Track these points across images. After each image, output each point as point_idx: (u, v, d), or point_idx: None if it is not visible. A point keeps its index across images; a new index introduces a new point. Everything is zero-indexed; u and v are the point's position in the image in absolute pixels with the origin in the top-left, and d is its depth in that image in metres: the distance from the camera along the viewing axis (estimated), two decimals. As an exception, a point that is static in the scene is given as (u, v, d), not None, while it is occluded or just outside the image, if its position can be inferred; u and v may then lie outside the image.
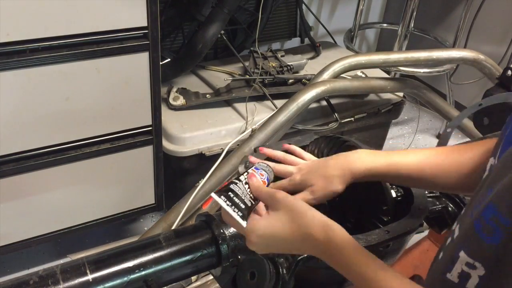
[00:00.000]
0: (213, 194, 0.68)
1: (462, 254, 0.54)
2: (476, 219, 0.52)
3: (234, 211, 0.66)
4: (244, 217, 0.67)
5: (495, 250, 0.49)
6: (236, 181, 0.71)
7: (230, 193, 0.68)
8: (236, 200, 0.67)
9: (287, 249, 0.68)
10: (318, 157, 0.92)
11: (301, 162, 0.85)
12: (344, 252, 0.62)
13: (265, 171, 0.75)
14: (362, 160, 0.77)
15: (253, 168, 0.75)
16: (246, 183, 0.71)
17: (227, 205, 0.66)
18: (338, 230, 0.64)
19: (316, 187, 0.77)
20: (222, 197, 0.67)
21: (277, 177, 0.83)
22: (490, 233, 0.50)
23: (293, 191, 0.78)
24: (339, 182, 0.77)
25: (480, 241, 0.51)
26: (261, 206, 0.70)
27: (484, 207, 0.51)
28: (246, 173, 0.73)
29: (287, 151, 0.89)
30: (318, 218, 0.65)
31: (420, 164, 0.76)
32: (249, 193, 0.70)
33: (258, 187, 0.69)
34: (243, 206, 0.67)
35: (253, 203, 0.69)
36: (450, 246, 0.58)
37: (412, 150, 0.81)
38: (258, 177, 0.72)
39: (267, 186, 0.74)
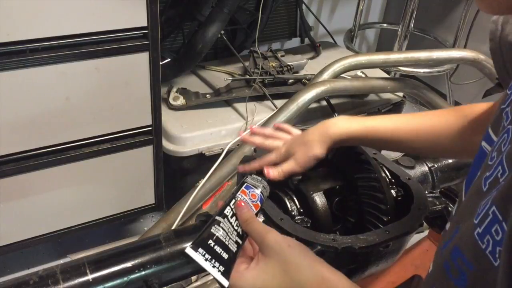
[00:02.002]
0: (188, 250, 0.58)
1: None
2: (445, 259, 0.50)
3: (214, 266, 0.58)
4: (227, 272, 0.58)
5: None
6: (220, 218, 0.62)
7: (210, 241, 0.59)
8: (218, 249, 0.59)
9: None
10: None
11: (288, 138, 0.88)
12: None
13: (257, 188, 0.69)
14: (339, 125, 0.81)
15: (243, 187, 0.68)
16: (233, 214, 0.63)
17: (205, 260, 0.58)
18: (338, 284, 0.58)
19: (298, 154, 0.80)
20: (199, 250, 0.58)
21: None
22: (457, 275, 0.48)
23: (280, 162, 0.81)
24: (319, 147, 0.80)
25: (449, 282, 0.49)
26: (248, 247, 0.65)
27: (451, 249, 0.50)
28: (234, 200, 0.65)
29: (278, 130, 0.92)
30: (315, 271, 0.58)
31: (396, 128, 0.79)
32: (237, 228, 0.62)
33: (247, 221, 0.62)
34: (225, 256, 0.59)
35: (241, 242, 0.62)
36: (426, 281, 0.56)
37: (389, 115, 0.84)
38: (249, 202, 0.65)
39: (262, 206, 0.68)
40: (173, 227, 1.48)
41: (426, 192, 0.90)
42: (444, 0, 2.65)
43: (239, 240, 0.62)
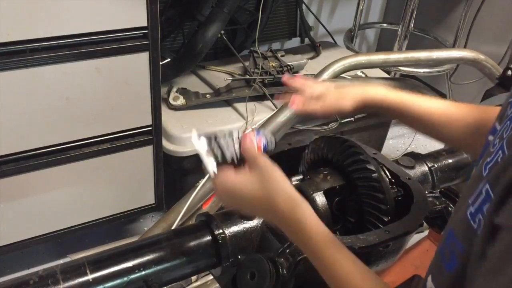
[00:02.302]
0: (193, 134, 0.67)
1: (429, 279, 0.52)
2: (441, 245, 0.51)
3: (209, 156, 0.66)
4: (216, 166, 0.65)
5: (450, 279, 0.48)
6: (227, 134, 0.69)
7: (213, 139, 0.67)
8: (216, 148, 0.67)
9: (250, 210, 0.70)
10: (318, 157, 0.93)
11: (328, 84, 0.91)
12: (304, 229, 0.62)
13: (266, 138, 0.71)
14: (377, 90, 0.84)
15: (255, 130, 0.72)
16: (238, 142, 0.69)
17: (203, 149, 0.66)
18: (305, 207, 0.64)
19: (327, 100, 0.85)
20: (202, 138, 0.66)
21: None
22: (449, 259, 0.48)
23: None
24: (350, 102, 0.84)
25: (441, 268, 0.50)
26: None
27: (447, 233, 0.50)
28: (239, 131, 0.71)
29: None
30: (288, 190, 0.64)
31: (430, 109, 0.80)
32: (235, 151, 0.68)
33: (247, 147, 0.68)
34: (219, 155, 0.66)
35: (235, 160, 0.67)
36: (427, 272, 0.57)
37: (421, 95, 0.85)
38: (254, 140, 0.69)
39: (263, 152, 0.71)
40: (173, 227, 1.48)
41: (426, 192, 0.90)
42: (444, 0, 2.65)
43: (234, 158, 0.68)
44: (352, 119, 1.94)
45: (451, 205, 0.93)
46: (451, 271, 0.47)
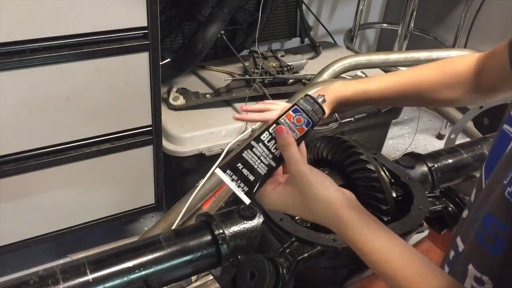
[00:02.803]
0: (217, 170, 0.64)
1: (470, 267, 0.54)
2: (478, 230, 0.52)
3: (239, 186, 0.63)
4: (250, 192, 0.63)
5: (498, 261, 0.49)
6: (254, 143, 0.65)
7: (238, 164, 0.64)
8: (245, 172, 0.64)
9: (300, 216, 0.73)
10: (318, 158, 0.93)
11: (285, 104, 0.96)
12: (346, 233, 0.63)
13: (306, 113, 0.66)
14: (335, 90, 0.93)
15: (291, 111, 0.66)
16: (272, 138, 0.64)
17: (232, 180, 0.63)
18: (348, 221, 0.62)
19: None
20: (228, 171, 0.63)
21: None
22: (492, 243, 0.49)
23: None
24: (327, 108, 0.91)
25: (484, 251, 0.51)
26: (281, 170, 0.68)
27: (483, 217, 0.51)
28: (274, 125, 0.65)
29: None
30: (325, 197, 0.63)
31: (384, 89, 0.91)
32: (274, 152, 0.64)
33: (283, 146, 0.64)
34: (251, 178, 0.64)
35: (274, 165, 0.65)
36: (457, 260, 0.57)
37: (379, 77, 0.95)
38: (292, 126, 0.65)
39: (308, 130, 0.66)
40: (173, 227, 1.47)
41: (426, 192, 0.90)
42: (444, 0, 2.65)
43: (272, 163, 0.65)
44: (352, 119, 1.94)
45: (451, 205, 0.93)
46: (497, 254, 0.49)
